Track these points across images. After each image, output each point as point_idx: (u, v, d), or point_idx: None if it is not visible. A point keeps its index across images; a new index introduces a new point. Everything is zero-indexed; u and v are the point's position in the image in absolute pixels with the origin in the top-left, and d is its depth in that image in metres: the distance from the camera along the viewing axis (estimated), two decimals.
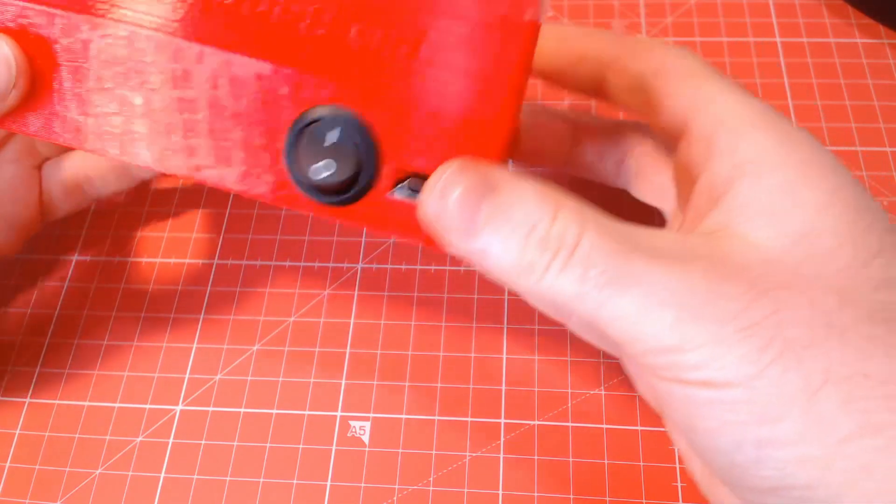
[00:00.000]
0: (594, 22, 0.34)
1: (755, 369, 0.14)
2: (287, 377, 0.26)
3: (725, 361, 0.15)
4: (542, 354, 0.26)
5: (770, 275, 0.15)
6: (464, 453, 0.25)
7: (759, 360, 0.14)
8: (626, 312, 0.15)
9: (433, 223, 0.17)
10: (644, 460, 0.24)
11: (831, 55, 0.31)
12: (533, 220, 0.16)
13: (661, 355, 0.15)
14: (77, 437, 0.26)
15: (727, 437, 0.15)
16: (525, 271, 0.16)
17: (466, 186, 0.16)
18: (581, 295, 0.16)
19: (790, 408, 0.14)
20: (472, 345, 0.27)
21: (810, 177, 0.16)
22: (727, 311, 0.15)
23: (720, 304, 0.15)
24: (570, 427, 0.25)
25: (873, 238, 0.16)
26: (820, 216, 0.16)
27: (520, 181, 0.16)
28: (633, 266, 0.15)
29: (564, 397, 0.25)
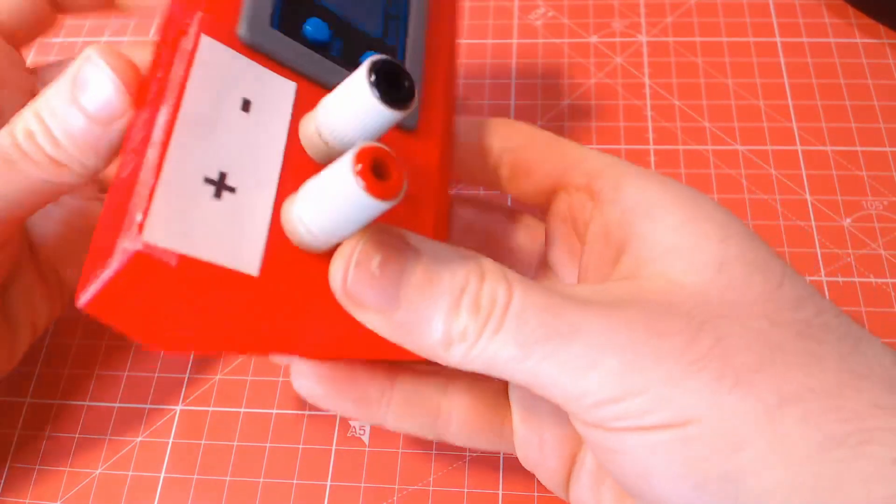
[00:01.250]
0: (594, 22, 0.34)
1: (712, 401, 0.14)
2: (287, 377, 0.26)
3: (682, 399, 0.14)
4: None
5: (701, 307, 0.15)
6: (463, 453, 0.25)
7: (716, 390, 0.14)
8: (569, 367, 0.15)
9: (345, 299, 0.15)
10: None
11: (831, 55, 0.31)
12: (460, 283, 0.15)
13: (611, 405, 0.15)
14: (77, 437, 0.26)
15: (691, 478, 0.14)
16: (457, 340, 0.15)
17: (386, 254, 0.15)
18: (519, 356, 0.15)
19: (753, 434, 0.14)
20: None
21: (701, 214, 0.16)
22: (673, 349, 0.14)
23: (664, 343, 0.14)
24: None
25: (775, 263, 0.16)
26: (725, 247, 0.16)
27: (433, 242, 0.16)
28: (568, 318, 0.15)
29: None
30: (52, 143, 0.17)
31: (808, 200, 0.28)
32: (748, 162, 0.29)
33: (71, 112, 0.17)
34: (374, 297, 0.15)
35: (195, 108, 0.15)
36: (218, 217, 0.14)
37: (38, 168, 0.18)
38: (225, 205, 0.14)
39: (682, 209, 0.17)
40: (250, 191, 0.15)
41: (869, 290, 0.26)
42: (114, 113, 0.16)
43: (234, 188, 0.15)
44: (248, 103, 0.16)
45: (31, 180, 0.18)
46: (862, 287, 0.26)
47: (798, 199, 0.28)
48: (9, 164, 0.18)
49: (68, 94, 0.17)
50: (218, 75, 0.16)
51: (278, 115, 0.16)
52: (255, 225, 0.15)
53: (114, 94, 0.16)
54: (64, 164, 0.17)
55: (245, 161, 0.15)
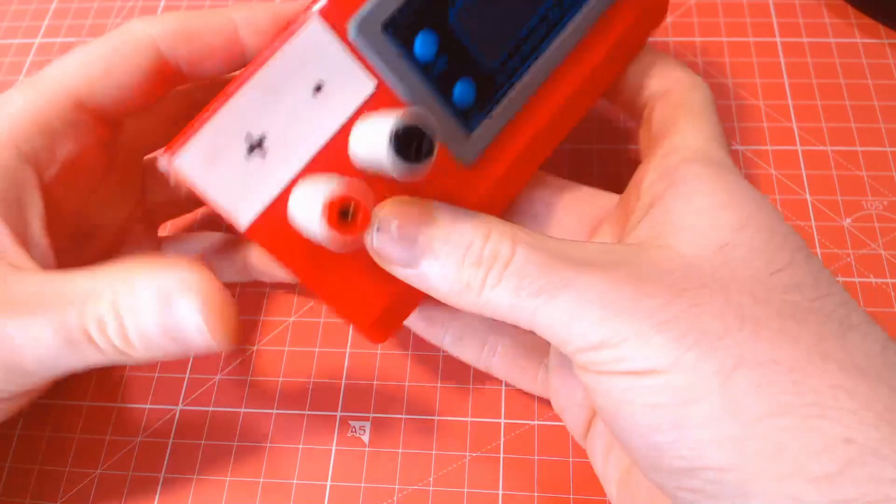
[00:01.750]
0: None
1: (674, 357, 0.16)
2: (287, 377, 0.26)
3: (647, 352, 0.16)
4: None
5: (690, 277, 0.17)
6: (464, 453, 0.25)
7: (676, 348, 0.16)
8: (558, 316, 0.17)
9: (376, 256, 0.18)
10: None
11: (831, 55, 0.31)
12: (467, 241, 0.17)
13: (591, 352, 0.17)
14: (77, 437, 0.26)
15: (648, 420, 0.16)
16: (464, 290, 0.17)
17: (403, 219, 0.18)
18: (516, 305, 0.17)
19: (706, 390, 0.15)
20: None
21: (732, 204, 0.18)
22: (648, 308, 0.16)
23: (642, 302, 0.16)
24: None
25: (784, 254, 0.17)
26: (736, 234, 0.18)
27: (454, 209, 0.18)
28: (563, 274, 0.17)
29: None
30: (123, 340, 0.17)
31: (808, 200, 0.28)
32: (748, 162, 0.29)
33: (153, 327, 0.17)
34: (396, 255, 0.18)
35: (271, 77, 0.17)
36: (240, 170, 0.17)
37: (100, 353, 0.18)
38: (251, 163, 0.17)
39: (716, 198, 0.18)
40: (278, 160, 0.17)
41: (869, 290, 0.26)
42: (193, 350, 0.17)
43: (266, 153, 0.17)
44: (320, 87, 0.18)
45: (92, 360, 0.18)
46: (862, 287, 0.26)
47: (798, 199, 0.28)
48: (72, 346, 0.17)
49: (156, 310, 0.17)
50: (308, 55, 0.17)
51: (342, 108, 0.18)
52: (265, 190, 0.17)
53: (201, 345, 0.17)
54: (130, 354, 0.18)
55: (289, 135, 0.17)
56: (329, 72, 0.18)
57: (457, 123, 0.19)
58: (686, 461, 0.16)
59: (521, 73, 0.20)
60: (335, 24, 0.17)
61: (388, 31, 0.18)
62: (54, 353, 0.17)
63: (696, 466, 0.16)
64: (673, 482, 0.17)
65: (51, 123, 0.20)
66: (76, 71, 0.20)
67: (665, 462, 0.16)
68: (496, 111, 0.20)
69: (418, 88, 0.19)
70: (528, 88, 0.20)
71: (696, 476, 0.16)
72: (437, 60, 0.19)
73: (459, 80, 0.19)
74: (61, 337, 0.17)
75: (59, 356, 0.17)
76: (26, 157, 0.20)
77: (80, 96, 0.20)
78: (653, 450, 0.16)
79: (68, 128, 0.20)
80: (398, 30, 0.18)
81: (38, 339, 0.17)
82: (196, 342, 0.17)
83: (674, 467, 0.16)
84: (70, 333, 0.17)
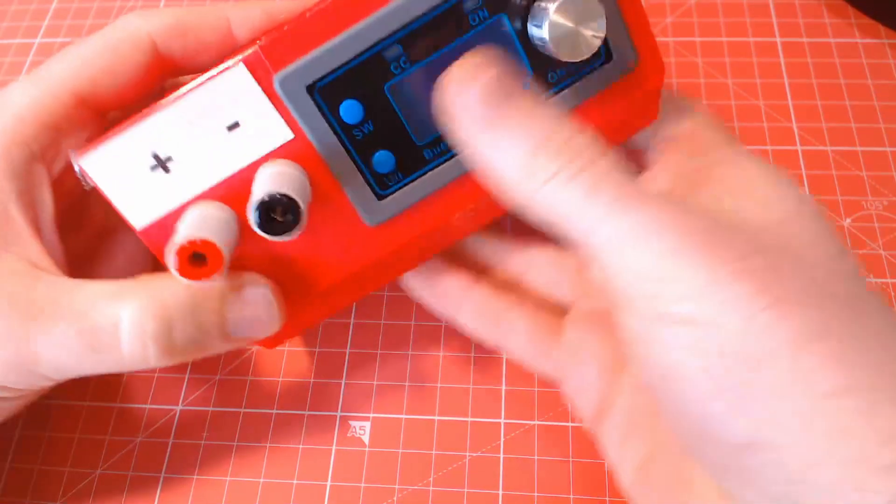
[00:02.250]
0: None
1: (747, 312, 0.14)
2: (287, 377, 0.26)
3: (716, 299, 0.14)
4: None
5: (765, 239, 0.16)
6: (464, 453, 0.25)
7: (752, 303, 0.14)
8: (628, 232, 0.15)
9: (447, 111, 0.17)
10: None
11: (831, 55, 0.31)
12: (551, 130, 0.16)
13: (649, 284, 0.15)
14: (77, 437, 0.26)
15: (708, 384, 0.15)
16: (526, 177, 0.16)
17: (500, 75, 0.16)
18: (580, 210, 0.15)
19: (777, 357, 0.14)
20: (471, 345, 0.27)
21: (778, 181, 0.18)
22: (726, 254, 0.15)
23: (720, 248, 0.15)
24: (570, 427, 0.25)
25: (835, 243, 0.17)
26: (800, 206, 0.17)
27: (546, 100, 0.16)
28: (640, 196, 0.15)
29: (564, 397, 0.25)
30: (167, 349, 0.18)
31: None
32: None
33: (213, 329, 0.18)
34: (468, 114, 0.16)
35: (189, 108, 0.18)
36: (142, 181, 0.19)
37: (126, 359, 0.18)
38: (154, 178, 0.19)
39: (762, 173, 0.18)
40: (180, 181, 0.19)
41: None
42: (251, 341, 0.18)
43: (170, 172, 0.19)
44: (236, 125, 0.18)
45: (112, 366, 0.18)
46: None
47: None
48: (93, 353, 0.17)
49: (218, 310, 0.18)
50: (230, 96, 0.18)
51: (255, 148, 0.19)
52: (162, 203, 0.19)
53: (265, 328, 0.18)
54: (158, 362, 0.18)
55: (195, 161, 0.19)
56: (248, 114, 0.18)
57: (369, 186, 0.20)
58: (745, 436, 0.14)
59: (447, 158, 0.20)
60: (262, 72, 0.18)
61: (313, 92, 0.18)
62: (74, 360, 0.17)
63: (755, 442, 0.14)
64: (724, 460, 0.15)
65: (56, 121, 0.20)
66: (77, 68, 0.20)
67: (720, 436, 0.15)
68: (413, 185, 0.20)
69: (335, 148, 0.19)
70: (451, 172, 0.20)
71: (753, 454, 0.14)
72: (363, 125, 0.19)
73: (380, 149, 0.20)
74: (84, 343, 0.17)
75: (78, 362, 0.18)
76: (35, 155, 0.20)
77: (82, 93, 0.20)
78: (708, 420, 0.15)
79: (72, 124, 0.20)
80: (324, 93, 0.19)
81: (59, 345, 0.17)
82: (263, 328, 0.18)
83: (729, 443, 0.15)
84: (95, 340, 0.17)
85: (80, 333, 0.17)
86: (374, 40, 0.18)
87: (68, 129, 0.20)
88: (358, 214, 0.20)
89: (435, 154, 0.20)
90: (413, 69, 0.19)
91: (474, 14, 0.18)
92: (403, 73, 0.19)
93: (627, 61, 0.20)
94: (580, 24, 0.17)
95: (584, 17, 0.17)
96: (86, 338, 0.17)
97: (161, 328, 0.17)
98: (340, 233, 0.20)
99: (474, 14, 0.18)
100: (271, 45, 0.18)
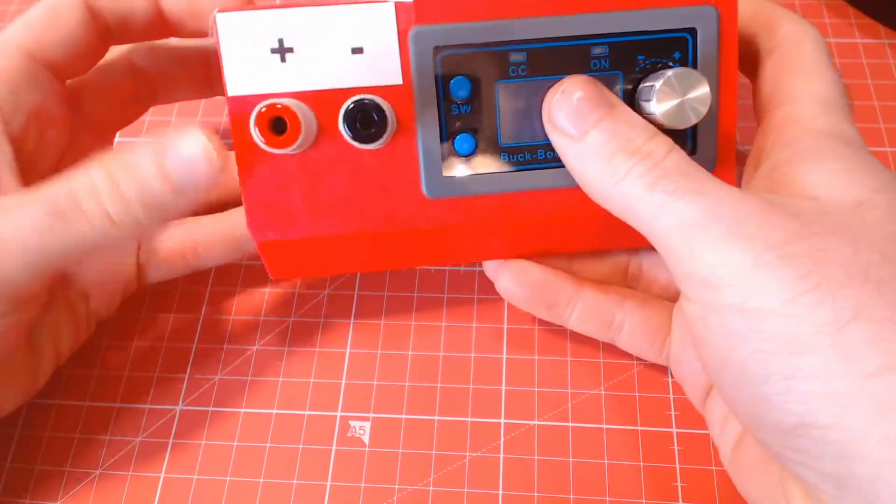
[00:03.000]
0: None
1: (789, 296, 0.15)
2: (287, 377, 0.26)
3: (761, 283, 0.15)
4: (542, 354, 0.26)
5: (821, 222, 0.16)
6: (464, 453, 0.25)
7: (794, 287, 0.15)
8: (682, 218, 0.17)
9: (547, 116, 0.20)
10: (644, 460, 0.24)
11: (831, 55, 0.31)
12: (632, 135, 0.18)
13: (704, 269, 0.16)
14: (77, 437, 0.26)
15: (757, 368, 0.16)
16: (606, 175, 0.18)
17: (587, 93, 0.19)
18: (645, 198, 0.17)
19: (819, 339, 0.15)
20: (472, 345, 0.27)
21: (865, 168, 0.18)
22: (775, 239, 0.16)
23: (770, 232, 0.16)
24: (570, 427, 0.25)
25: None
26: (874, 194, 0.17)
27: (629, 109, 0.19)
28: (701, 183, 0.17)
29: (564, 397, 0.25)
30: (120, 205, 0.18)
31: None
32: None
33: (155, 180, 0.18)
34: (565, 122, 0.19)
35: (334, 16, 0.20)
36: (255, 56, 0.20)
37: (90, 226, 0.18)
38: (269, 59, 0.20)
39: (848, 162, 0.18)
40: (289, 73, 0.20)
41: None
42: (199, 188, 0.18)
43: (285, 61, 0.20)
44: (360, 50, 0.20)
45: (80, 235, 0.18)
46: None
47: None
48: (60, 218, 0.18)
49: (156, 161, 0.18)
50: (369, 24, 0.20)
51: (363, 77, 0.20)
52: (263, 84, 0.20)
53: (206, 172, 0.18)
54: (120, 225, 0.18)
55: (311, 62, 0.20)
56: (374, 47, 0.20)
57: (442, 159, 0.21)
58: (795, 416, 0.15)
59: (519, 168, 0.21)
60: (405, 19, 0.20)
61: (437, 55, 0.20)
62: (40, 232, 0.18)
63: (805, 422, 0.15)
64: (779, 441, 0.16)
65: (9, 75, 0.22)
66: (23, 29, 0.22)
67: (772, 417, 0.16)
68: (479, 178, 0.21)
69: (431, 110, 0.21)
70: (518, 183, 0.21)
71: (804, 434, 0.15)
72: (463, 105, 0.21)
73: (468, 132, 0.21)
74: (48, 210, 0.18)
75: (46, 234, 0.18)
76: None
77: (29, 49, 0.22)
78: (760, 403, 0.16)
79: (26, 78, 0.22)
80: (446, 61, 0.20)
81: (23, 222, 0.18)
82: (202, 170, 0.18)
83: (781, 424, 0.16)
84: (58, 205, 0.18)
85: (41, 203, 0.18)
86: (508, 39, 0.20)
87: (25, 84, 0.22)
88: (420, 181, 0.21)
89: (511, 161, 0.21)
90: (527, 79, 0.21)
91: (598, 60, 0.21)
92: (517, 79, 0.21)
93: (707, 159, 0.21)
94: (686, 94, 0.19)
95: (689, 89, 0.19)
96: (48, 205, 0.18)
97: (110, 185, 0.18)
98: (399, 189, 0.21)
99: (598, 60, 0.21)
100: (425, 1, 0.20)
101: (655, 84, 0.19)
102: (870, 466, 0.14)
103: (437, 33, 0.20)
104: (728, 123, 0.21)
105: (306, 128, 0.19)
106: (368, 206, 0.21)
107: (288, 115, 0.19)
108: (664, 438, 0.24)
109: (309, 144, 0.20)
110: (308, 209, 0.21)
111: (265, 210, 0.21)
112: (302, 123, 0.19)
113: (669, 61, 0.21)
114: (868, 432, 0.14)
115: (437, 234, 0.22)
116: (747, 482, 0.20)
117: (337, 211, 0.21)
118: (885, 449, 0.14)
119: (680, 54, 0.21)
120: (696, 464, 0.24)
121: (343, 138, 0.20)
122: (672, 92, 0.19)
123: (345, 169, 0.21)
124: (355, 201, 0.21)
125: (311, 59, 0.20)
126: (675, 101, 0.19)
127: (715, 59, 0.21)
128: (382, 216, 0.21)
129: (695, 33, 0.20)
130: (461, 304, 0.27)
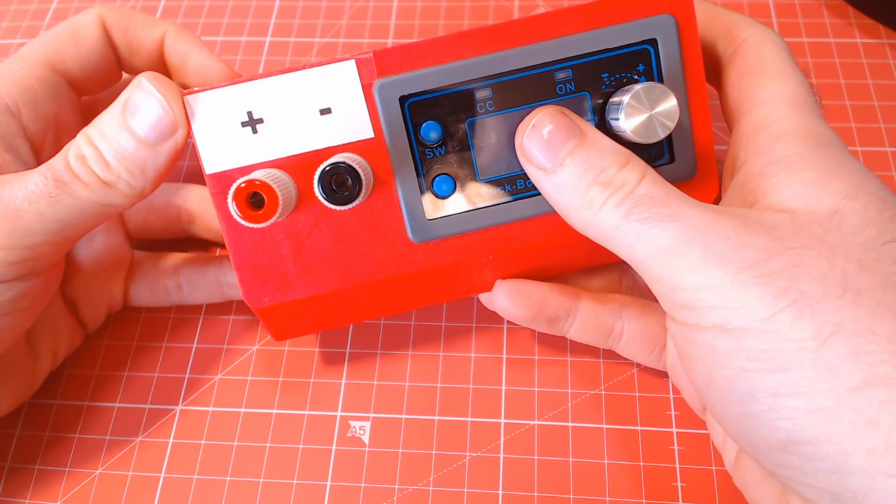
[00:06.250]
0: None
1: (768, 313, 0.15)
2: (287, 377, 0.26)
3: (740, 303, 0.15)
4: (542, 354, 0.26)
5: (797, 236, 0.16)
6: (464, 453, 0.25)
7: (772, 304, 0.15)
8: (658, 244, 0.17)
9: (520, 151, 0.20)
10: (644, 460, 0.24)
11: (831, 55, 0.31)
12: (605, 164, 0.18)
13: (683, 292, 0.17)
14: (77, 437, 0.26)
15: (743, 386, 0.16)
16: (584, 206, 0.18)
17: (557, 126, 0.19)
18: (622, 228, 0.17)
19: (801, 355, 0.15)
20: (472, 345, 0.27)
21: (840, 173, 0.18)
22: (750, 258, 0.16)
23: (744, 251, 0.16)
24: (569, 427, 0.25)
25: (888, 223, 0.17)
26: (848, 201, 0.17)
27: (600, 134, 0.19)
28: (675, 208, 0.17)
29: (564, 397, 0.25)
30: (103, 165, 0.19)
31: None
32: None
33: (121, 135, 0.19)
34: (538, 156, 0.19)
35: (295, 83, 0.20)
36: (228, 133, 0.20)
37: (88, 190, 0.19)
38: (241, 133, 0.20)
39: (822, 168, 0.18)
40: (262, 143, 0.20)
41: None
42: (162, 135, 0.19)
43: (256, 132, 0.20)
44: (328, 111, 0.20)
45: (82, 202, 0.20)
46: None
47: None
48: (61, 186, 0.19)
49: (119, 118, 0.19)
50: (333, 84, 0.20)
51: (336, 136, 0.20)
52: (239, 158, 0.20)
53: (163, 117, 0.19)
54: (113, 185, 0.19)
55: (281, 130, 0.20)
56: (341, 105, 0.20)
57: (423, 203, 0.21)
58: (783, 433, 0.15)
59: (501, 202, 0.22)
60: (367, 73, 0.20)
61: (404, 104, 0.20)
62: (49, 201, 0.19)
63: (793, 439, 0.15)
64: (771, 458, 0.16)
65: (30, 84, 0.23)
66: (46, 43, 0.24)
67: (761, 434, 0.16)
68: (462, 216, 0.21)
69: (405, 157, 0.21)
70: (501, 216, 0.22)
71: (794, 451, 0.15)
72: (437, 147, 0.21)
73: (445, 174, 0.21)
74: (51, 179, 0.19)
75: (54, 201, 0.19)
76: (9, 110, 0.23)
77: (50, 61, 0.24)
78: (748, 421, 0.16)
79: (46, 87, 0.23)
80: (413, 108, 0.21)
81: (32, 191, 0.19)
82: (158, 120, 0.19)
83: (770, 441, 0.16)
84: (58, 174, 0.19)
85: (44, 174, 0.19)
86: (471, 78, 0.20)
87: (44, 93, 0.23)
88: (405, 227, 0.21)
89: (492, 195, 0.21)
90: (495, 114, 0.21)
91: (563, 85, 0.21)
92: (486, 115, 0.21)
93: (686, 169, 0.21)
94: (653, 108, 0.19)
95: (656, 103, 0.19)
96: (50, 175, 0.19)
97: (92, 149, 0.19)
98: (385, 239, 0.22)
99: (563, 85, 0.21)
100: (384, 54, 0.20)
101: (623, 100, 0.19)
102: (862, 479, 0.14)
103: (401, 83, 0.20)
104: (703, 128, 0.21)
105: (285, 198, 0.19)
106: (359, 260, 0.21)
107: (265, 189, 0.18)
108: (664, 438, 0.24)
109: (291, 209, 0.20)
110: (299, 270, 0.21)
111: (258, 278, 0.22)
112: (279, 196, 0.19)
113: (634, 75, 0.21)
114: (855, 445, 0.14)
115: (429, 277, 0.22)
116: (751, 492, 0.20)
117: (328, 268, 0.21)
118: (874, 461, 0.14)
119: (644, 66, 0.21)
120: (696, 464, 0.24)
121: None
122: (639, 107, 0.19)
123: (330, 228, 0.21)
124: (345, 257, 0.21)
125: (282, 127, 0.20)
126: (643, 115, 0.19)
127: (680, 67, 0.21)
128: (373, 267, 0.22)
129: (656, 44, 0.20)
130: (461, 305, 0.27)
